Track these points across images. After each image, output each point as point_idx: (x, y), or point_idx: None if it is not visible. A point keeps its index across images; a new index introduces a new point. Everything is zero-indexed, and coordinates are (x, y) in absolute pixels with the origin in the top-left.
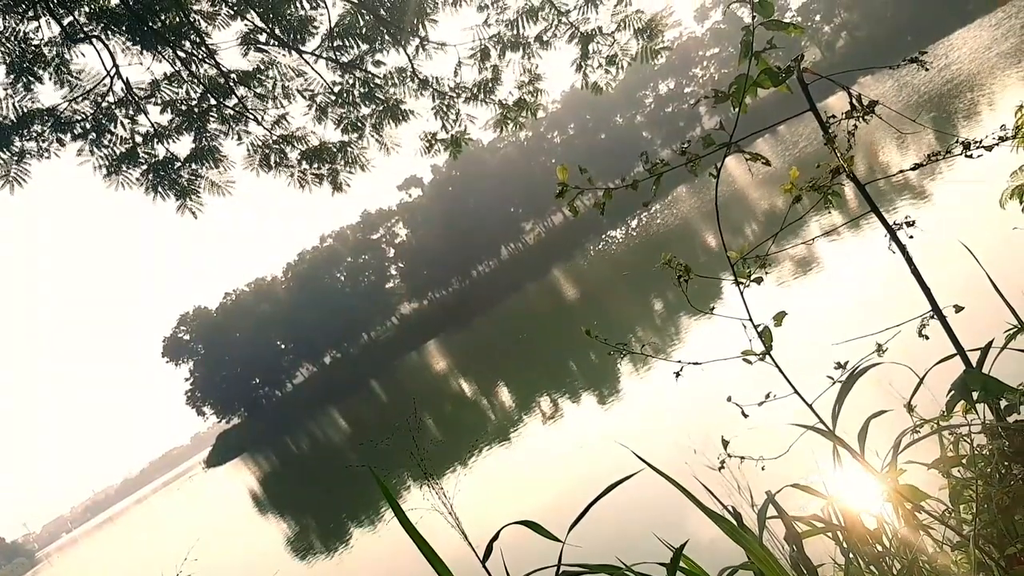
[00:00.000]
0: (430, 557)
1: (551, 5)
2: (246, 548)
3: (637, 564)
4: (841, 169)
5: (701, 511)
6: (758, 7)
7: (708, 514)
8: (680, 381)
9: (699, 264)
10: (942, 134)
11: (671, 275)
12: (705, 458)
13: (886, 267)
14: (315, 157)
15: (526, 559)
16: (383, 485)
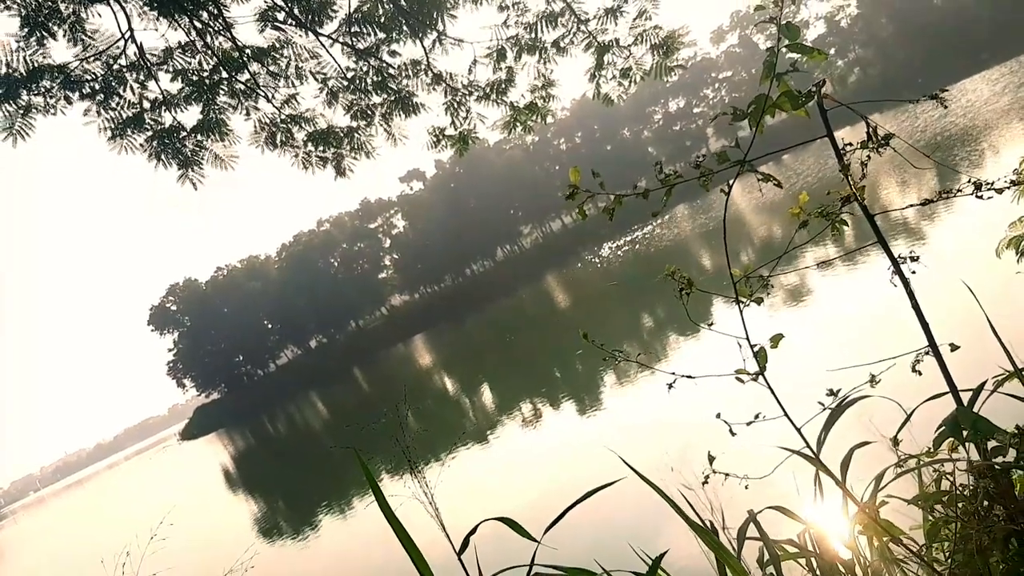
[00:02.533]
0: (406, 544)
1: (571, 12)
2: (215, 526)
3: (614, 571)
4: (852, 198)
5: (684, 522)
6: (784, 29)
7: (691, 525)
8: (660, 398)
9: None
10: (952, 173)
11: (662, 290)
12: (681, 476)
13: (883, 299)
14: (322, 140)
15: (501, 557)
16: (365, 467)
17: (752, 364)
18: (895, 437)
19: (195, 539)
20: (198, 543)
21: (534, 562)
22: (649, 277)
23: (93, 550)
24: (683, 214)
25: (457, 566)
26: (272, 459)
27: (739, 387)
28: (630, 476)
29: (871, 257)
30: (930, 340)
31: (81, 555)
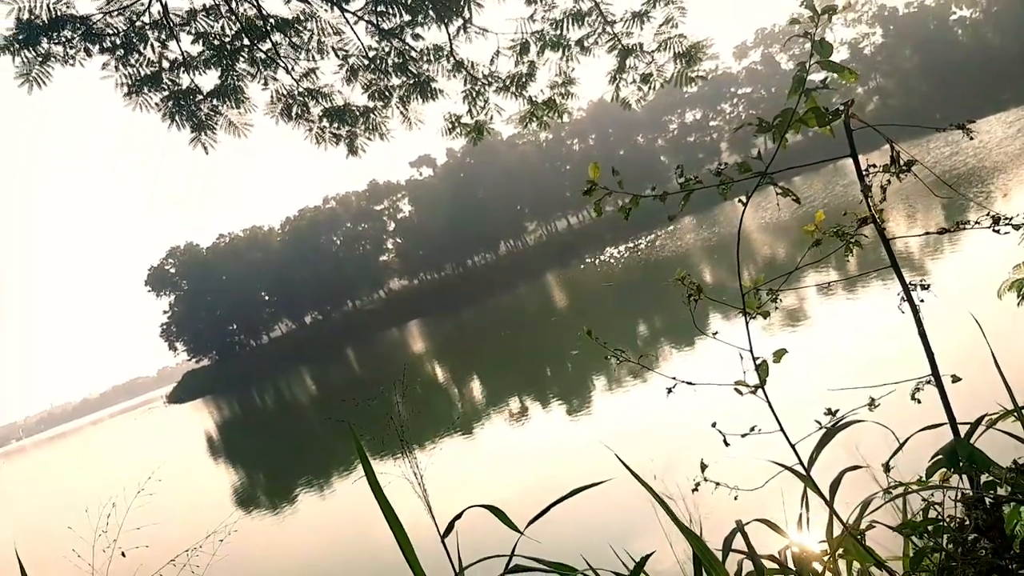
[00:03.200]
0: (391, 521)
1: (599, 12)
2: (198, 489)
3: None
4: (871, 220)
5: (675, 524)
6: (817, 46)
7: (681, 529)
8: (649, 405)
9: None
10: (961, 208)
11: (660, 297)
12: (663, 485)
13: (889, 324)
14: (337, 117)
15: (484, 547)
16: (357, 441)
17: (752, 376)
18: (887, 463)
19: (179, 501)
20: (182, 505)
21: (514, 553)
22: (648, 284)
23: (76, 499)
24: (689, 226)
25: (438, 550)
26: (258, 430)
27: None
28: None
29: (879, 281)
30: (934, 370)
31: (64, 504)
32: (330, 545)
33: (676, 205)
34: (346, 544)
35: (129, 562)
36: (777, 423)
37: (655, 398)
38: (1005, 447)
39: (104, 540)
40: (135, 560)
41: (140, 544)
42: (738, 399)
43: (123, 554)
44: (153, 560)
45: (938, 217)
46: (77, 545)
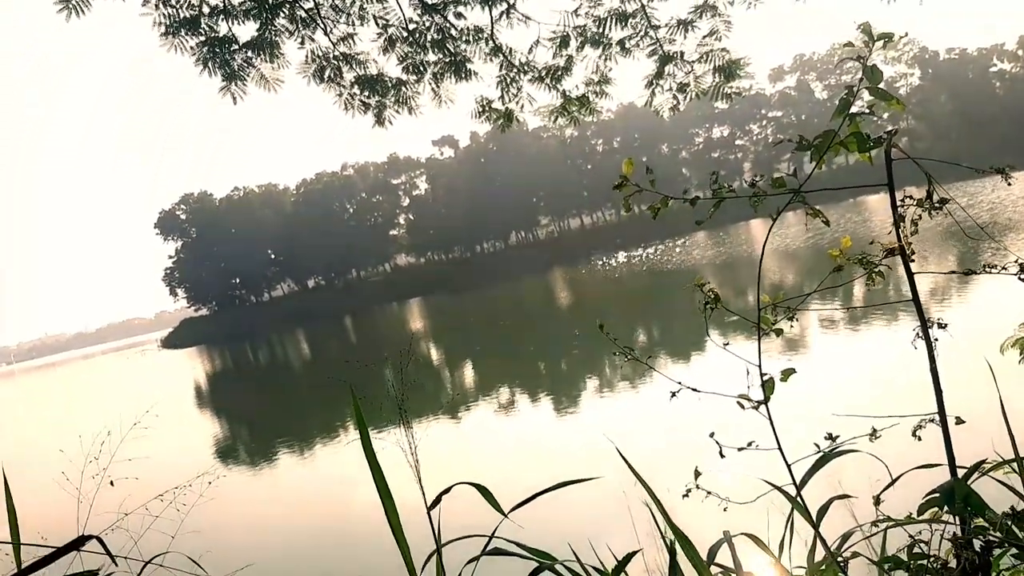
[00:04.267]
0: (380, 484)
1: (644, 16)
2: (185, 434)
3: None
4: (899, 251)
5: (668, 526)
6: (868, 71)
7: (675, 531)
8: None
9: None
10: (976, 254)
11: (662, 305)
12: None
13: (899, 358)
14: (369, 85)
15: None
16: (355, 400)
17: (756, 391)
18: (877, 497)
19: (171, 440)
20: (173, 445)
21: (495, 535)
22: (651, 292)
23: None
24: (700, 241)
25: (419, 522)
26: (250, 385)
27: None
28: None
29: (894, 313)
30: (940, 409)
31: (55, 429)
32: (312, 503)
33: (703, 212)
34: (329, 504)
35: (117, 492)
36: (776, 442)
37: (644, 404)
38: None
39: (95, 467)
40: (123, 490)
41: (130, 476)
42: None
43: (112, 483)
44: (141, 493)
45: (951, 262)
46: (67, 469)
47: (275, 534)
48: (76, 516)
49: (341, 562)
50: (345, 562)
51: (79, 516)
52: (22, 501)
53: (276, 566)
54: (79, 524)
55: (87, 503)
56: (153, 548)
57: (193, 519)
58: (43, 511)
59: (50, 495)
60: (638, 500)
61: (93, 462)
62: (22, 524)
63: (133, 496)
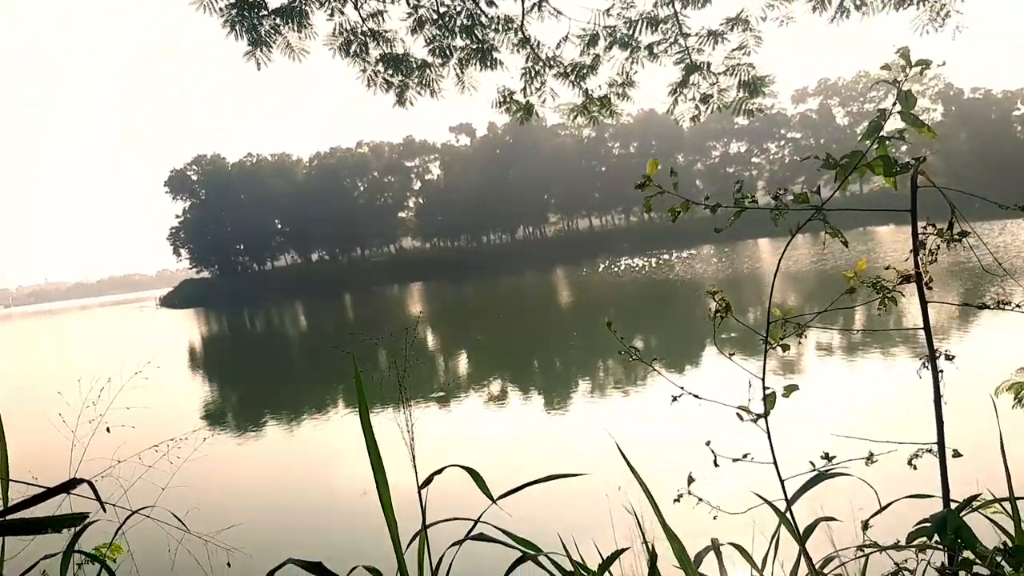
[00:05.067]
0: (375, 461)
1: (676, 22)
2: (182, 391)
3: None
4: (915, 278)
5: (661, 526)
6: (902, 96)
7: (668, 535)
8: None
9: (687, 326)
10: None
11: (663, 312)
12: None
13: (901, 385)
14: (393, 64)
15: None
16: (356, 371)
17: (756, 404)
18: (866, 522)
19: (168, 395)
20: (170, 399)
21: (481, 519)
22: (652, 299)
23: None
24: (706, 255)
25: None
26: (245, 351)
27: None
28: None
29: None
30: (940, 440)
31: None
32: (303, 471)
33: (722, 219)
34: (319, 474)
35: (112, 438)
36: (772, 456)
37: (636, 408)
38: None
39: (92, 412)
40: (119, 438)
41: (127, 424)
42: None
43: (108, 429)
44: (136, 442)
45: (953, 298)
46: (64, 412)
47: (263, 498)
48: (69, 459)
49: (327, 534)
50: (331, 534)
51: (72, 459)
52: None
53: (262, 529)
54: (71, 467)
55: (81, 447)
56: (143, 498)
57: (185, 473)
58: (36, 451)
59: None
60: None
61: (91, 407)
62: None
63: (128, 445)
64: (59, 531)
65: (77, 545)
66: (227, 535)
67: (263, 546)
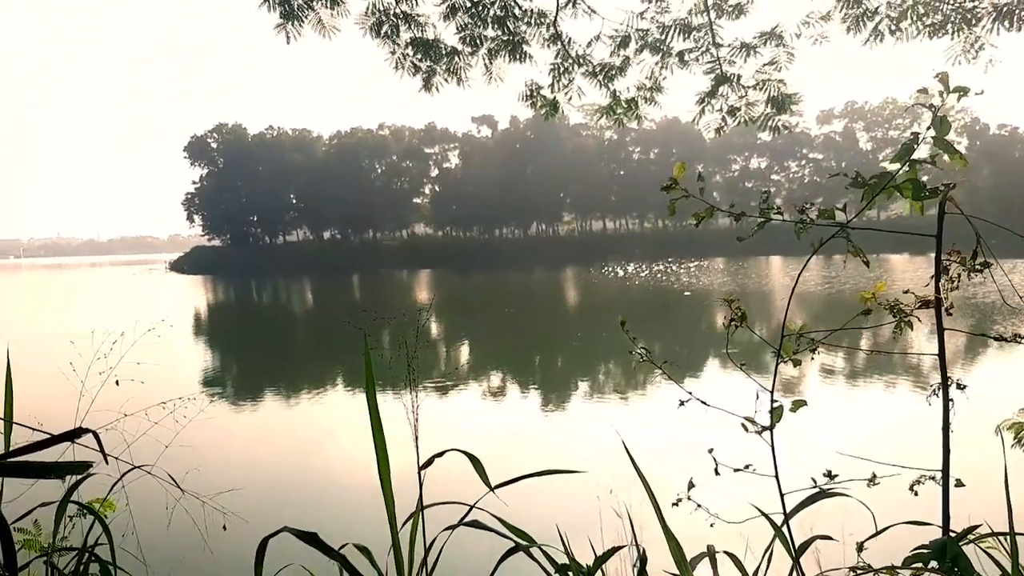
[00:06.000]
0: (377, 438)
1: (709, 31)
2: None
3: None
4: (935, 304)
5: (661, 528)
6: (937, 122)
7: (667, 537)
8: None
9: (683, 337)
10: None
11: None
12: (616, 500)
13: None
14: (423, 49)
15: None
16: (367, 352)
17: (762, 416)
18: (861, 544)
19: (175, 355)
20: (176, 360)
21: (476, 505)
22: (660, 306)
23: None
24: (717, 268)
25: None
26: (253, 322)
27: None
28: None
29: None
30: (945, 468)
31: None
32: (303, 443)
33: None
34: (320, 448)
35: (120, 392)
36: (774, 470)
37: (637, 412)
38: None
39: (102, 364)
40: (127, 392)
41: (136, 379)
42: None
43: (117, 382)
44: (144, 398)
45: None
46: (75, 361)
47: (263, 467)
48: (76, 408)
49: (323, 508)
50: (327, 508)
51: (79, 409)
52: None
53: (259, 497)
54: (77, 416)
55: (89, 398)
56: (145, 454)
57: (188, 434)
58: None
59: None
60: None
61: (102, 359)
62: (21, 406)
63: (135, 400)
64: (62, 477)
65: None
66: (224, 498)
67: (259, 513)
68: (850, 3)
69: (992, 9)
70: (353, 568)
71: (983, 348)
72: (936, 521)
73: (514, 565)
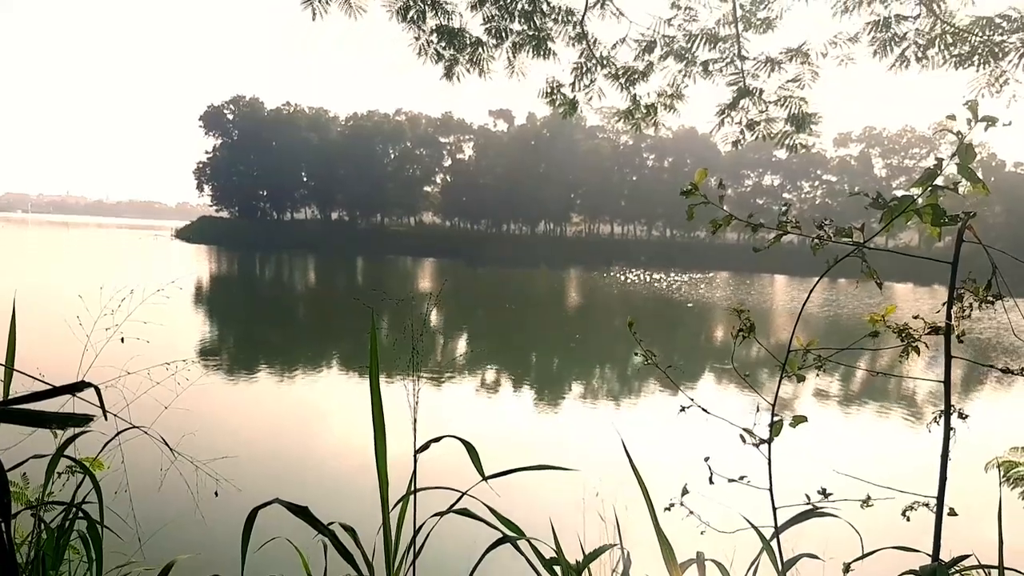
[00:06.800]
0: (377, 418)
1: (736, 42)
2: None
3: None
4: (945, 331)
5: (654, 528)
6: (962, 149)
7: (660, 539)
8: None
9: (681, 348)
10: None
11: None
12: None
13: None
14: (447, 37)
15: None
16: (373, 330)
17: (762, 429)
18: (848, 565)
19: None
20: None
21: (467, 492)
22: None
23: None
24: (721, 282)
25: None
26: (254, 294)
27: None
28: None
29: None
30: (940, 495)
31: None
32: (301, 418)
33: (762, 240)
34: (318, 425)
35: (125, 349)
36: (769, 483)
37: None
38: None
39: (109, 321)
40: (132, 350)
41: (141, 338)
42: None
43: (122, 340)
44: (148, 357)
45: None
46: (82, 315)
47: (260, 437)
48: (79, 362)
49: (315, 485)
50: (319, 485)
51: (83, 363)
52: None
53: (253, 467)
54: (80, 371)
55: (93, 352)
56: (144, 413)
57: (187, 398)
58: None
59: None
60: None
61: (109, 315)
62: (24, 357)
63: (140, 358)
64: (63, 428)
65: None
66: (218, 465)
67: (252, 483)
68: (879, 27)
69: (1021, 44)
70: (341, 544)
71: (982, 380)
72: (923, 548)
73: (501, 556)
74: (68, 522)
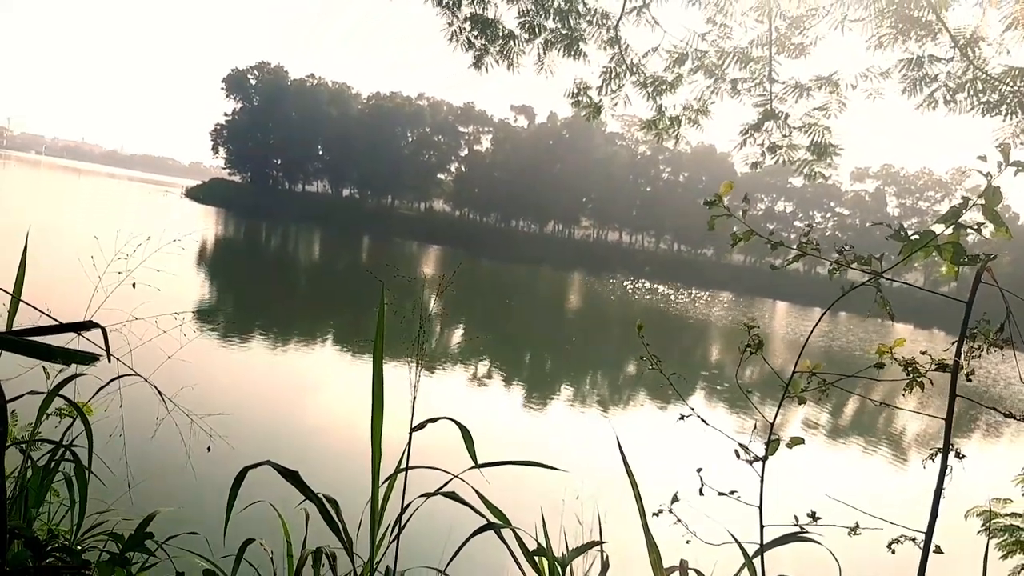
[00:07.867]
0: (376, 395)
1: (768, 64)
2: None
3: (518, 529)
4: (952, 368)
5: (644, 532)
6: (989, 191)
7: (648, 541)
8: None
9: (671, 364)
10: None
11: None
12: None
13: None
14: (480, 26)
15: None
16: (382, 305)
17: (757, 447)
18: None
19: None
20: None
21: (458, 475)
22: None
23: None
24: (724, 301)
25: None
26: (261, 258)
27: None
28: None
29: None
30: (929, 532)
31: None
32: (302, 386)
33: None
34: (317, 393)
35: (136, 295)
36: (759, 501)
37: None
38: None
39: (122, 265)
40: (142, 296)
41: (153, 285)
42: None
43: (134, 285)
44: (157, 304)
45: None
46: (96, 256)
47: (257, 398)
48: (88, 302)
49: (307, 452)
50: (311, 453)
51: (91, 303)
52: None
53: (248, 427)
54: (88, 310)
55: (103, 294)
56: (147, 360)
57: (192, 350)
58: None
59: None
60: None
61: (123, 259)
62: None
63: (150, 305)
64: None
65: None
66: (214, 421)
67: (245, 444)
68: (912, 65)
69: None
70: (328, 513)
71: (974, 423)
72: None
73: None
74: (54, 463)
